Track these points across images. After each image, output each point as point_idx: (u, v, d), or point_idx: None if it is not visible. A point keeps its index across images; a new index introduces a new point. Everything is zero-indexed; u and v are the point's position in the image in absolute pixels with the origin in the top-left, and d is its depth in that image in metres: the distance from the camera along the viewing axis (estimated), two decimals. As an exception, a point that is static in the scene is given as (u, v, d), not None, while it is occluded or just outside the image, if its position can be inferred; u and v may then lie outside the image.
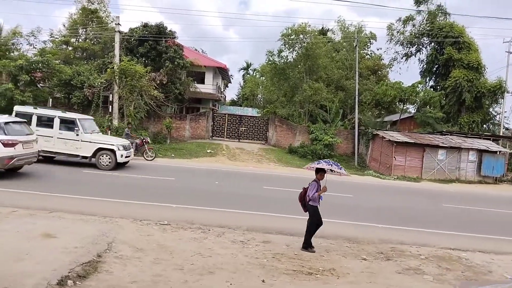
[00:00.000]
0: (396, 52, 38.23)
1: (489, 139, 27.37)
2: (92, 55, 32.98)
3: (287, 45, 29.82)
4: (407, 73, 64.16)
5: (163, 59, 27.25)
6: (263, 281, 6.06)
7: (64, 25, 35.24)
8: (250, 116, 33.77)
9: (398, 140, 23.64)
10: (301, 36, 29.39)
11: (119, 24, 24.80)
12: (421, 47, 37.58)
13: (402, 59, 38.29)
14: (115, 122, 23.75)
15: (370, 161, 27.15)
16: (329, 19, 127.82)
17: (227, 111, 39.91)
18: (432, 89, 33.55)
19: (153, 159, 20.52)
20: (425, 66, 37.09)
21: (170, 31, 28.64)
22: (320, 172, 8.08)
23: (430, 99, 30.00)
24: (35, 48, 27.80)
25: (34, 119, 15.67)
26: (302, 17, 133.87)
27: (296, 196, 8.40)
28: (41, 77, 27.06)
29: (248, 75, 59.63)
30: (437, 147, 24.04)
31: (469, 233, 10.95)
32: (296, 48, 30.01)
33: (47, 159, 16.36)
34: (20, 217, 8.22)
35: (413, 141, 23.89)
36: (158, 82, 25.19)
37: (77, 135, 15.66)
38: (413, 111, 36.57)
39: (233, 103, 58.11)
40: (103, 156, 15.88)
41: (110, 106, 24.16)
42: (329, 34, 38.36)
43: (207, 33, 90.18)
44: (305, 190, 8.15)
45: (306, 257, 7.47)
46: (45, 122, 15.91)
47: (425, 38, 36.45)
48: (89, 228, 7.80)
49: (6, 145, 11.69)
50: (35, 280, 5.11)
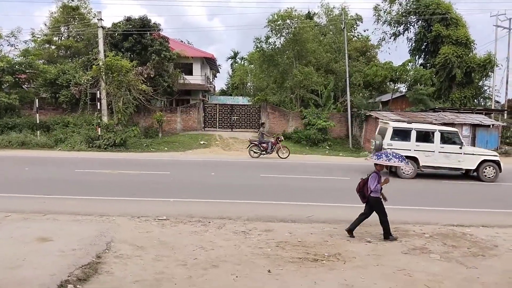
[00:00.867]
0: (384, 32, 37.97)
1: (482, 113, 27.42)
2: (76, 53, 32.30)
3: (274, 31, 29.40)
4: (396, 52, 64.36)
5: (149, 52, 26.74)
6: (269, 271, 5.91)
7: (46, 24, 34.43)
8: (241, 105, 33.48)
9: (391, 120, 23.52)
10: (287, 21, 28.99)
11: (101, 19, 24.19)
12: (408, 25, 37.33)
13: (390, 38, 38.07)
14: (105, 119, 23.33)
15: (365, 142, 27.06)
16: (313, 2, 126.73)
17: (218, 101, 39.55)
18: (422, 67, 33.43)
19: (287, 157, 20.38)
20: (413, 44, 36.94)
21: (154, 23, 28.06)
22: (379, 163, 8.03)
23: (421, 77, 29.90)
24: (17, 48, 27.14)
25: (413, 135, 15.51)
26: (287, 1, 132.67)
27: (295, 183, 8.22)
28: (25, 78, 26.49)
29: (236, 64, 59.11)
30: (431, 124, 23.97)
31: (470, 208, 10.91)
32: (284, 34, 29.64)
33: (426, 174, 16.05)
34: (14, 221, 7.97)
35: (406, 120, 23.79)
36: (146, 76, 24.71)
37: (460, 148, 15.41)
38: (404, 90, 36.53)
39: (223, 93, 57.68)
40: (488, 168, 15.33)
41: (98, 103, 23.70)
42: (315, 18, 37.96)
43: (192, 24, 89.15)
44: (363, 181, 8.06)
45: (311, 243, 7.34)
46: (425, 137, 15.81)
47: (412, 16, 36.18)
48: (86, 229, 7.58)
49: None
50: (33, 287, 4.90)
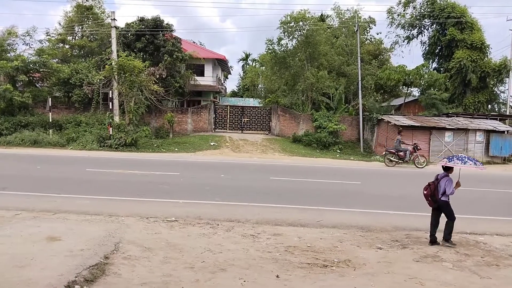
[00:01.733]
0: (398, 35, 37.67)
1: (496, 118, 27.00)
2: (89, 52, 32.57)
3: (286, 33, 29.28)
4: (409, 56, 63.75)
5: (161, 53, 26.86)
6: (277, 276, 5.83)
7: (60, 24, 34.77)
8: (252, 107, 33.45)
9: (404, 124, 23.30)
10: (300, 23, 28.86)
11: (115, 19, 24.41)
12: (422, 29, 36.97)
13: (403, 42, 37.75)
14: (116, 119, 23.49)
15: (376, 146, 26.82)
16: (325, 4, 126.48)
17: (229, 103, 39.59)
18: (436, 71, 33.02)
19: (424, 166, 19.85)
20: (427, 48, 36.56)
21: (167, 24, 28.17)
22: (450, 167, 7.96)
23: (435, 81, 29.53)
24: (32, 47, 27.47)
25: None
26: (298, 3, 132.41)
27: (304, 187, 8.12)
28: (39, 77, 26.80)
29: (247, 66, 59.07)
30: (444, 129, 23.70)
31: (483, 215, 10.69)
32: (296, 36, 29.51)
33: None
34: (24, 220, 8.01)
35: (419, 125, 23.54)
36: (158, 76, 24.84)
37: None
38: (417, 95, 36.13)
39: (234, 94, 57.70)
40: None
41: (110, 103, 23.88)
42: (327, 20, 37.75)
43: (204, 25, 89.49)
44: (434, 185, 8.07)
45: (320, 248, 7.23)
46: None
47: (426, 20, 35.83)
48: (95, 229, 7.58)
49: None
50: (40, 287, 4.89)
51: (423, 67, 30.31)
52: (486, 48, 32.68)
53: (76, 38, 34.36)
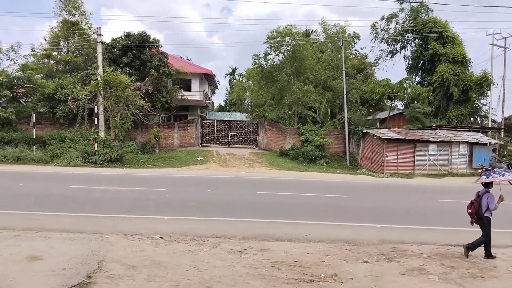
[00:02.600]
0: (381, 50, 38.46)
1: (479, 131, 27.52)
2: (75, 68, 32.37)
3: (273, 48, 29.61)
4: (393, 70, 64.93)
5: (147, 68, 26.86)
6: (263, 292, 5.77)
7: (46, 39, 34.62)
8: (239, 121, 33.49)
9: (388, 138, 23.57)
10: (287, 38, 29.22)
11: (101, 34, 24.35)
12: (405, 43, 37.84)
13: (387, 56, 38.54)
14: (102, 134, 23.26)
15: (362, 159, 27.03)
16: (311, 20, 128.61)
17: (216, 117, 39.62)
18: (419, 85, 33.66)
19: None
20: (410, 62, 37.35)
21: (153, 39, 28.26)
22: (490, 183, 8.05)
23: (418, 94, 30.08)
24: (16, 63, 27.20)
25: None
26: (284, 19, 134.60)
27: (291, 201, 8.12)
28: (23, 92, 26.48)
29: (234, 80, 59.42)
30: (428, 142, 24.03)
31: (468, 227, 10.75)
32: (283, 51, 29.84)
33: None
34: (4, 239, 7.82)
35: (403, 138, 23.83)
36: (144, 91, 24.80)
37: None
38: (401, 108, 36.68)
39: (221, 108, 57.86)
40: None
41: (96, 118, 23.66)
42: (313, 35, 38.33)
43: (191, 40, 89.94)
44: (477, 203, 8.04)
45: (307, 263, 7.20)
46: None
47: (409, 34, 36.69)
48: (78, 247, 7.43)
49: None
50: (19, 308, 4.75)
51: (406, 81, 30.88)
52: (468, 62, 33.51)
53: (62, 53, 34.18)
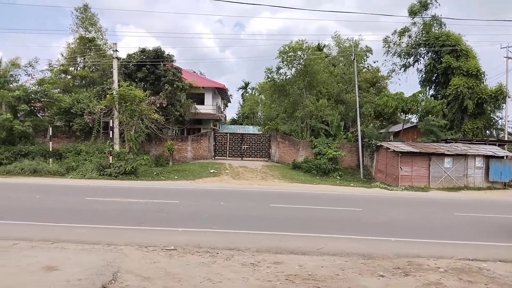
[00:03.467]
0: (394, 63, 38.41)
1: (495, 144, 27.10)
2: (91, 83, 33.08)
3: (285, 62, 29.84)
4: (406, 83, 64.68)
5: (162, 82, 27.28)
6: (278, 305, 5.72)
7: (63, 55, 35.50)
8: (251, 134, 33.59)
9: (403, 150, 23.36)
10: (299, 52, 29.43)
11: (116, 50, 24.89)
12: (418, 57, 37.73)
13: (400, 70, 38.47)
14: (116, 147, 23.58)
15: (376, 172, 26.79)
16: (323, 35, 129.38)
17: (228, 130, 39.82)
18: (433, 98, 33.41)
19: None
20: (424, 75, 37.16)
21: (167, 55, 28.77)
22: None
23: (432, 107, 29.83)
24: (34, 78, 27.90)
25: None
26: (296, 34, 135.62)
27: (305, 214, 8.08)
28: (40, 106, 27.07)
29: (247, 94, 59.81)
30: (443, 155, 23.74)
31: (485, 241, 10.57)
32: (295, 65, 30.04)
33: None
34: (21, 250, 7.92)
35: (418, 151, 23.59)
36: (158, 105, 25.14)
37: None
38: (415, 121, 36.39)
39: (233, 122, 58.14)
40: None
41: (111, 132, 24.04)
42: (325, 50, 38.50)
43: (204, 55, 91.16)
44: None
45: (321, 277, 7.12)
46: None
47: (422, 48, 36.58)
48: (93, 258, 7.48)
49: None
50: (36, 318, 4.80)
51: (420, 94, 30.69)
52: (482, 75, 33.23)
53: (78, 68, 34.97)
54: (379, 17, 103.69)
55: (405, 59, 38.06)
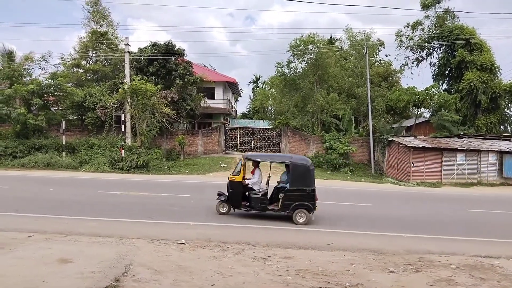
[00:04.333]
0: (407, 57, 37.89)
1: (509, 139, 26.67)
2: (103, 77, 33.33)
3: (296, 56, 29.68)
4: (419, 78, 63.71)
5: (173, 76, 27.38)
6: (288, 300, 5.75)
7: (75, 49, 35.81)
8: (262, 128, 33.53)
9: (415, 146, 23.14)
10: (310, 46, 29.24)
11: (128, 44, 25.02)
12: (431, 51, 37.14)
13: (413, 64, 37.93)
14: (128, 141, 23.79)
15: (387, 168, 26.61)
16: (334, 28, 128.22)
17: (239, 125, 39.80)
18: (446, 92, 32.96)
19: None
20: (437, 69, 36.59)
21: (178, 49, 28.84)
22: None
23: (445, 102, 29.44)
24: (47, 72, 28.22)
25: None
26: (307, 27, 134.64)
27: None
28: (53, 100, 27.40)
29: (257, 88, 59.67)
30: (456, 150, 23.46)
31: (498, 238, 10.46)
32: (306, 58, 29.87)
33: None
34: (36, 242, 8.07)
35: (430, 146, 23.35)
36: (169, 99, 25.25)
37: None
38: (428, 116, 35.96)
39: (244, 116, 58.12)
40: None
41: (123, 126, 24.24)
42: (336, 43, 38.18)
43: (215, 49, 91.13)
44: None
45: (332, 272, 7.13)
46: None
47: (435, 42, 36.03)
48: (106, 251, 7.59)
49: None
50: (51, 309, 4.90)
51: (433, 88, 30.29)
52: (496, 69, 32.62)
53: (90, 62, 35.27)
54: (391, 10, 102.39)
55: (418, 53, 37.53)
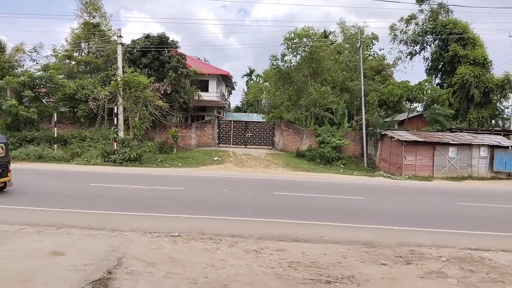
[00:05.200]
0: (400, 51, 38.05)
1: (500, 134, 26.93)
2: (95, 69, 33.05)
3: (290, 49, 29.63)
4: (412, 72, 63.88)
5: (166, 69, 27.21)
6: (280, 292, 5.80)
7: (67, 40, 35.41)
8: (255, 122, 33.56)
9: (407, 139, 23.29)
10: (304, 39, 29.18)
11: (121, 36, 24.77)
12: (425, 45, 37.32)
13: (406, 58, 38.14)
14: (121, 134, 23.65)
15: (380, 161, 26.77)
16: (327, 21, 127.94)
17: (232, 118, 39.78)
18: (439, 87, 33.15)
19: None
20: (430, 64, 36.79)
21: (172, 41, 28.62)
22: None
23: (438, 96, 29.61)
24: (38, 63, 27.90)
25: None
26: (301, 20, 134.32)
27: (308, 202, 8.11)
28: (45, 92, 27.13)
29: (251, 81, 59.56)
30: (448, 144, 23.65)
31: (488, 231, 10.60)
32: (300, 52, 29.83)
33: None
34: (28, 234, 8.04)
35: (422, 140, 23.51)
36: (162, 92, 25.11)
37: None
38: (420, 110, 36.18)
39: (237, 109, 58.05)
40: None
41: (115, 118, 24.08)
42: (330, 37, 38.15)
43: (208, 41, 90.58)
44: None
45: (323, 264, 7.19)
46: None
47: (428, 36, 36.16)
48: (98, 244, 7.58)
49: None
50: (43, 301, 4.89)
51: (426, 83, 30.45)
52: (489, 64, 32.86)
53: (83, 54, 34.91)
54: (386, 3, 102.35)
55: (412, 47, 37.69)
